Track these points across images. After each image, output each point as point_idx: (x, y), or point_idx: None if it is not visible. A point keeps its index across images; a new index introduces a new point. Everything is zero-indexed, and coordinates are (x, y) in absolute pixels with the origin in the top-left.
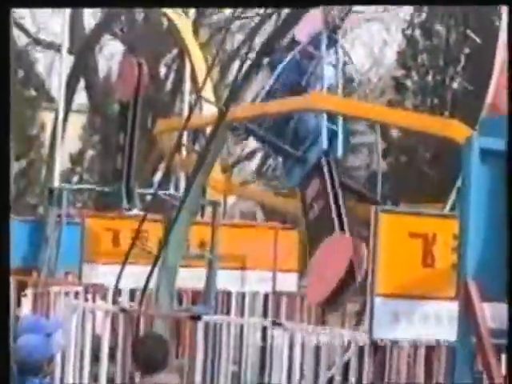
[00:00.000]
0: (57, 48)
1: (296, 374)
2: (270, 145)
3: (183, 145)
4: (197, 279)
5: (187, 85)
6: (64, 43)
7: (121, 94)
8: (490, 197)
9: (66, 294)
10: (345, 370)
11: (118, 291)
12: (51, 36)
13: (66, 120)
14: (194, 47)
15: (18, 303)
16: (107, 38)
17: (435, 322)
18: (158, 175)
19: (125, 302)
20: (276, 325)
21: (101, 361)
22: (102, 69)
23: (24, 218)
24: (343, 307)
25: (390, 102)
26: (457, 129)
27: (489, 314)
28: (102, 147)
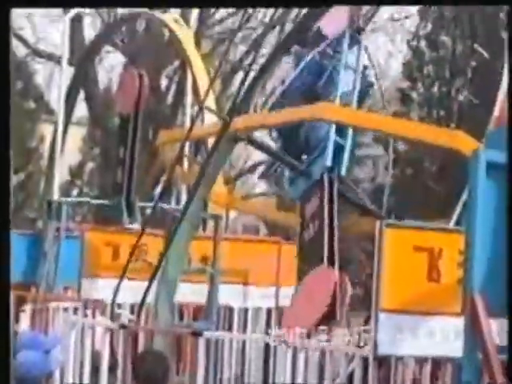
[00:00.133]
0: (56, 59)
1: None
2: (273, 156)
3: (185, 155)
4: (198, 294)
5: (189, 97)
6: (64, 54)
7: (121, 107)
8: (497, 210)
9: (65, 309)
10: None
11: (114, 306)
12: (51, 47)
13: (65, 132)
14: (196, 59)
15: (17, 319)
16: (107, 49)
17: (441, 337)
18: (159, 189)
19: (125, 318)
20: (278, 340)
21: (100, 378)
22: (102, 80)
23: (22, 232)
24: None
25: (396, 113)
26: (463, 141)
27: (495, 330)
28: (102, 160)
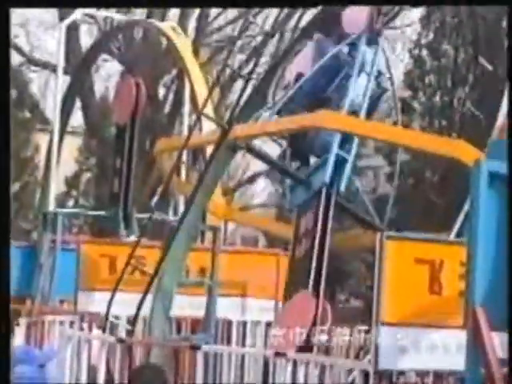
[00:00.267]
0: (52, 68)
1: None
2: (273, 165)
3: (183, 163)
4: (196, 307)
5: (187, 106)
6: (59, 63)
7: (118, 117)
8: (499, 221)
9: (61, 322)
10: None
11: (109, 319)
12: (46, 55)
13: (61, 142)
14: (194, 67)
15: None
16: (104, 58)
17: (443, 351)
18: (157, 199)
19: (122, 331)
20: (278, 355)
21: None
22: (98, 89)
23: (17, 244)
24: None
25: (396, 123)
26: (465, 150)
27: (498, 343)
28: (99, 170)
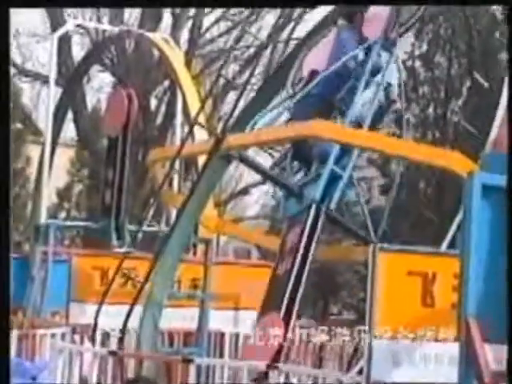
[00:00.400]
0: (44, 79)
1: None
2: (266, 176)
3: (175, 170)
4: (188, 320)
5: (179, 117)
6: (51, 74)
7: (110, 129)
8: (492, 234)
9: (53, 335)
10: None
11: (96, 329)
12: (38, 66)
13: (53, 153)
14: (186, 79)
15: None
16: (96, 69)
17: (436, 363)
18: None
19: (114, 343)
20: (271, 368)
21: None
22: (90, 100)
23: None
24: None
25: (389, 135)
26: (459, 162)
27: (491, 356)
28: (91, 182)
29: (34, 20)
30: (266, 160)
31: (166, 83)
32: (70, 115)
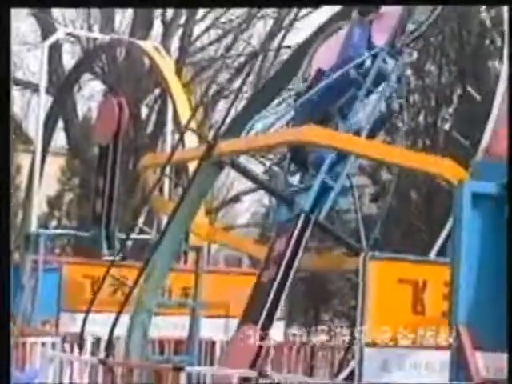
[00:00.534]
0: (34, 87)
1: None
2: (257, 183)
3: (166, 175)
4: (179, 328)
5: (169, 126)
6: (42, 82)
7: (100, 138)
8: (482, 242)
9: (43, 344)
10: None
11: (83, 337)
12: (28, 75)
13: (43, 162)
14: (177, 87)
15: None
16: (87, 77)
17: (426, 371)
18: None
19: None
20: (262, 376)
21: None
22: (81, 109)
23: None
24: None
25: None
26: (451, 169)
27: (482, 364)
28: (82, 191)
29: (25, 28)
30: (257, 168)
31: (157, 91)
32: (61, 124)
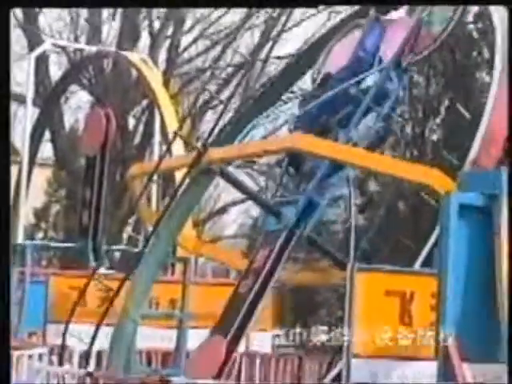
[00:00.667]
0: (21, 99)
1: None
2: (246, 193)
3: (153, 181)
4: (167, 340)
5: (157, 137)
6: (28, 94)
7: (87, 149)
8: (470, 253)
9: (30, 356)
10: None
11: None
12: (15, 86)
13: (30, 173)
14: (164, 99)
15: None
16: (74, 89)
17: (414, 382)
18: (127, 231)
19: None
20: None
21: None
22: (68, 120)
23: None
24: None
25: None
26: (438, 179)
27: (470, 375)
28: (68, 202)
29: (11, 39)
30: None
31: (145, 103)
32: (48, 135)
